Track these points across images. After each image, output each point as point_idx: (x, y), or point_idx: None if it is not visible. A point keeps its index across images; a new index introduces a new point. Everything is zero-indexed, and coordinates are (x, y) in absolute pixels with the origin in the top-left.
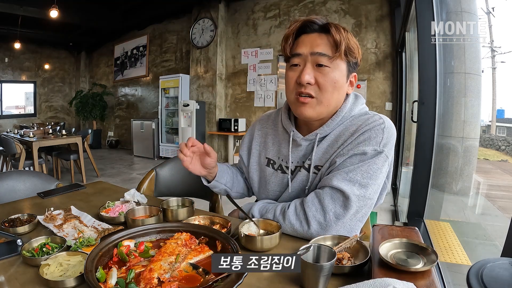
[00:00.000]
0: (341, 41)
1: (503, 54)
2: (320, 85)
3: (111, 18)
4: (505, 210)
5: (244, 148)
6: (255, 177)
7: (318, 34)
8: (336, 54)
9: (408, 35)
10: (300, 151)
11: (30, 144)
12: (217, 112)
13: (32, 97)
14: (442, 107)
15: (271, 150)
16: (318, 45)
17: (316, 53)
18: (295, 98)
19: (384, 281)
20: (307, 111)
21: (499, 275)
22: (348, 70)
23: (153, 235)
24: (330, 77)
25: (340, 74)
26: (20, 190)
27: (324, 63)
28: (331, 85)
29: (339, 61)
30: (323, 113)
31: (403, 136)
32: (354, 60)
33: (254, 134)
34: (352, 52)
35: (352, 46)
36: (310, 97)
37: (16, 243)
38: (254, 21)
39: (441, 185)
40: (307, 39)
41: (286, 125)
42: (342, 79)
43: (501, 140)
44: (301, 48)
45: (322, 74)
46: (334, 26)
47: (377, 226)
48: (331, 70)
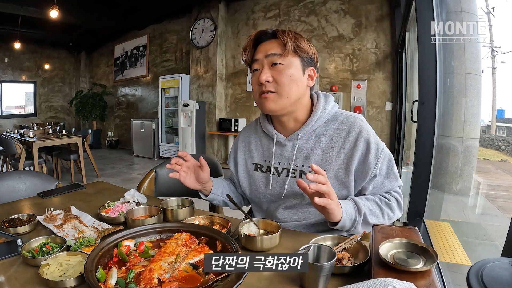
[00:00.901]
0: (287, 40)
1: (503, 54)
2: (277, 81)
3: (111, 18)
4: (505, 210)
5: (231, 160)
6: (245, 184)
7: (270, 40)
8: (285, 51)
9: (408, 35)
10: (285, 152)
11: (30, 144)
12: (217, 112)
13: (32, 97)
14: (442, 107)
15: (256, 155)
16: (271, 48)
17: (269, 54)
18: (258, 98)
19: (384, 281)
20: (270, 105)
21: (499, 275)
22: (303, 65)
23: (153, 235)
24: (285, 72)
25: (294, 68)
26: (20, 190)
27: (277, 61)
28: (287, 79)
29: (291, 57)
30: (286, 105)
31: (403, 136)
32: (307, 56)
33: (238, 144)
34: (301, 48)
35: (300, 44)
36: (270, 92)
37: (16, 243)
38: (254, 21)
39: (441, 185)
40: (262, 47)
41: (268, 129)
42: (297, 73)
43: (501, 140)
44: (257, 55)
45: (277, 71)
46: (281, 31)
47: (377, 226)
48: (285, 66)
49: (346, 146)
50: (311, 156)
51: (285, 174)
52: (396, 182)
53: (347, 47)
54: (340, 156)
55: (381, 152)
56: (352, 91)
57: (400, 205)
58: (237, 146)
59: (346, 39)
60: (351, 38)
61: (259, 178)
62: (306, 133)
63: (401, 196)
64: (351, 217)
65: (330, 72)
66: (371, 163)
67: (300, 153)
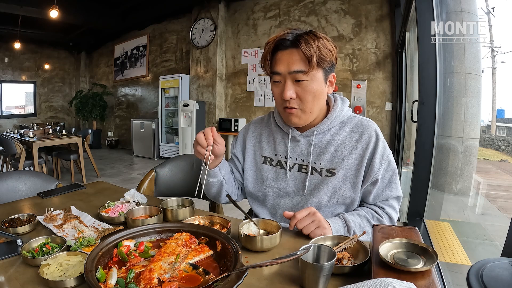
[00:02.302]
0: (311, 55)
1: (503, 54)
2: (301, 98)
3: (111, 18)
4: (505, 210)
5: (238, 148)
6: (250, 176)
7: (291, 50)
8: (310, 69)
9: (408, 35)
10: (299, 147)
11: (30, 144)
12: (217, 112)
13: (32, 97)
14: (442, 107)
15: (266, 148)
16: (293, 63)
17: (292, 71)
18: (283, 110)
19: (384, 281)
20: (294, 120)
21: (499, 275)
22: (325, 75)
23: (153, 235)
24: (309, 89)
25: (317, 83)
26: (20, 190)
27: (301, 78)
28: (311, 96)
29: (315, 71)
30: (309, 119)
31: (403, 136)
32: (329, 65)
33: (248, 135)
34: (325, 60)
35: (324, 54)
36: (294, 108)
37: (16, 243)
38: (254, 21)
39: (441, 185)
40: (283, 57)
41: (283, 125)
42: (320, 87)
43: (501, 140)
44: (279, 67)
45: (302, 88)
46: (304, 41)
47: (377, 226)
48: (309, 82)
49: (359, 147)
50: (323, 153)
51: (297, 169)
52: (396, 192)
53: (347, 47)
54: (352, 157)
55: (386, 158)
56: (352, 91)
57: (392, 221)
58: (246, 136)
59: (346, 39)
60: (351, 38)
61: (267, 171)
62: (322, 131)
63: (396, 211)
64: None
65: None
66: (376, 166)
67: (314, 149)
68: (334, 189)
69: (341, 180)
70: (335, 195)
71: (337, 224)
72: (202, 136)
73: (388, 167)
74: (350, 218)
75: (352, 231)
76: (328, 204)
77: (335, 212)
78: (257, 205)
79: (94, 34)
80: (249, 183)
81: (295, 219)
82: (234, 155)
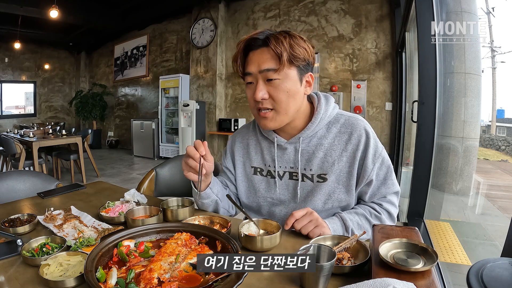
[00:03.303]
0: (281, 52)
1: (503, 54)
2: (274, 98)
3: (111, 18)
4: (505, 210)
5: (228, 160)
6: (243, 188)
7: (262, 49)
8: (280, 66)
9: (408, 35)
10: (286, 155)
11: (30, 144)
12: (217, 112)
13: (32, 97)
14: (442, 107)
15: (255, 158)
16: (264, 62)
17: (263, 70)
18: (256, 113)
19: (384, 281)
20: (269, 123)
21: (499, 275)
22: (300, 74)
23: (153, 235)
24: (281, 88)
25: (290, 82)
26: (20, 190)
27: (273, 77)
28: (284, 95)
29: (287, 69)
30: (284, 121)
31: (403, 136)
32: (304, 63)
33: (235, 146)
34: (297, 57)
35: (297, 52)
36: (268, 109)
37: (16, 243)
38: (254, 21)
39: (441, 185)
40: (254, 57)
41: (267, 133)
42: (294, 86)
43: (501, 140)
44: (250, 67)
45: (274, 87)
46: (274, 39)
47: (377, 226)
48: (281, 81)
49: (348, 149)
50: (312, 159)
51: (288, 177)
52: (392, 188)
53: (347, 47)
54: (342, 160)
55: (378, 157)
56: (352, 91)
57: (392, 216)
58: (233, 147)
59: (346, 39)
60: (351, 38)
61: (259, 182)
62: (308, 136)
63: (395, 206)
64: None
65: (330, 72)
66: (368, 167)
67: (302, 156)
68: (327, 194)
69: (334, 184)
70: (329, 200)
71: (334, 224)
72: (192, 148)
73: (382, 164)
74: (347, 217)
75: (350, 229)
76: (324, 209)
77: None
78: (252, 215)
79: (94, 34)
80: (243, 195)
81: (292, 217)
82: (226, 167)
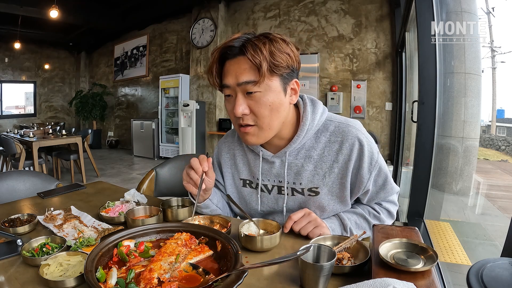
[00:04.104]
0: (261, 62)
1: (503, 54)
2: (255, 113)
3: (111, 18)
4: (505, 210)
5: (217, 173)
6: (234, 199)
7: (239, 58)
8: (261, 78)
9: (408, 35)
10: (274, 169)
11: (30, 144)
12: (217, 112)
13: (32, 97)
14: (442, 107)
15: (243, 170)
16: (242, 73)
17: (241, 83)
18: (238, 128)
19: (384, 281)
20: (251, 139)
21: (499, 275)
22: (284, 83)
23: (153, 235)
24: (263, 102)
25: (273, 94)
26: (20, 190)
27: (252, 90)
28: (267, 109)
29: (268, 81)
30: (268, 136)
31: (403, 136)
32: (288, 71)
33: (222, 157)
34: (280, 66)
35: (278, 60)
36: (250, 126)
37: (16, 243)
38: (254, 21)
39: (441, 185)
40: (231, 68)
41: (253, 146)
42: (277, 98)
43: (501, 140)
44: (227, 79)
45: (254, 101)
46: (251, 46)
47: (377, 226)
48: (263, 94)
49: (340, 160)
50: (302, 172)
51: (276, 191)
52: (391, 191)
53: (347, 47)
54: (334, 171)
55: (375, 165)
56: (352, 91)
57: (391, 215)
58: (220, 158)
59: (346, 39)
60: (351, 38)
61: (249, 194)
62: (295, 149)
63: (395, 204)
64: (338, 234)
65: (330, 72)
66: (364, 177)
67: (290, 169)
68: (322, 207)
69: (327, 197)
70: (325, 212)
71: (333, 224)
72: (197, 161)
73: (380, 172)
74: (345, 216)
75: (348, 228)
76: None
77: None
78: None
79: (94, 34)
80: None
81: (291, 220)
82: (216, 180)
